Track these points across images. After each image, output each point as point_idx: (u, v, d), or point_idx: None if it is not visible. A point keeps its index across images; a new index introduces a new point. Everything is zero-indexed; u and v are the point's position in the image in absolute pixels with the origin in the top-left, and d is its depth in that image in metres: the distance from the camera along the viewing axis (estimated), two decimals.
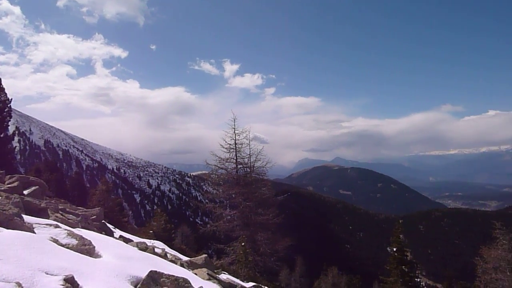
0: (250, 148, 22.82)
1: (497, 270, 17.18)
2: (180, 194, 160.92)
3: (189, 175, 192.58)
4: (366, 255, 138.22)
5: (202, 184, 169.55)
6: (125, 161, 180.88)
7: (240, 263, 17.69)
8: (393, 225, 27.25)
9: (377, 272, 65.98)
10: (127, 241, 10.80)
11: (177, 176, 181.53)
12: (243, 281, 13.42)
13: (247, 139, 22.67)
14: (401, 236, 26.06)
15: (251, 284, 13.13)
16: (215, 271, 11.30)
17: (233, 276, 13.77)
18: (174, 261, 9.62)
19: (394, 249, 24.53)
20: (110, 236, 10.58)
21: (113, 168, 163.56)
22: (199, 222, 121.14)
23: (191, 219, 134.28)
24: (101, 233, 9.93)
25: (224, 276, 11.69)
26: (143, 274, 4.94)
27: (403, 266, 24.42)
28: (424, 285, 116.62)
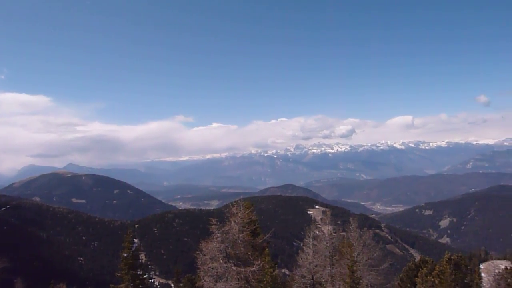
0: None
1: (213, 259, 20.15)
2: None
3: None
4: (101, 265, 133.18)
5: None
6: None
7: None
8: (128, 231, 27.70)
9: (112, 280, 64.80)
10: None
11: None
12: None
13: None
14: (135, 240, 26.84)
15: None
16: None
17: None
18: None
19: (125, 255, 24.95)
20: None
21: None
22: None
23: None
24: None
25: None
26: None
27: (135, 270, 25.18)
28: (157, 284, 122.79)
